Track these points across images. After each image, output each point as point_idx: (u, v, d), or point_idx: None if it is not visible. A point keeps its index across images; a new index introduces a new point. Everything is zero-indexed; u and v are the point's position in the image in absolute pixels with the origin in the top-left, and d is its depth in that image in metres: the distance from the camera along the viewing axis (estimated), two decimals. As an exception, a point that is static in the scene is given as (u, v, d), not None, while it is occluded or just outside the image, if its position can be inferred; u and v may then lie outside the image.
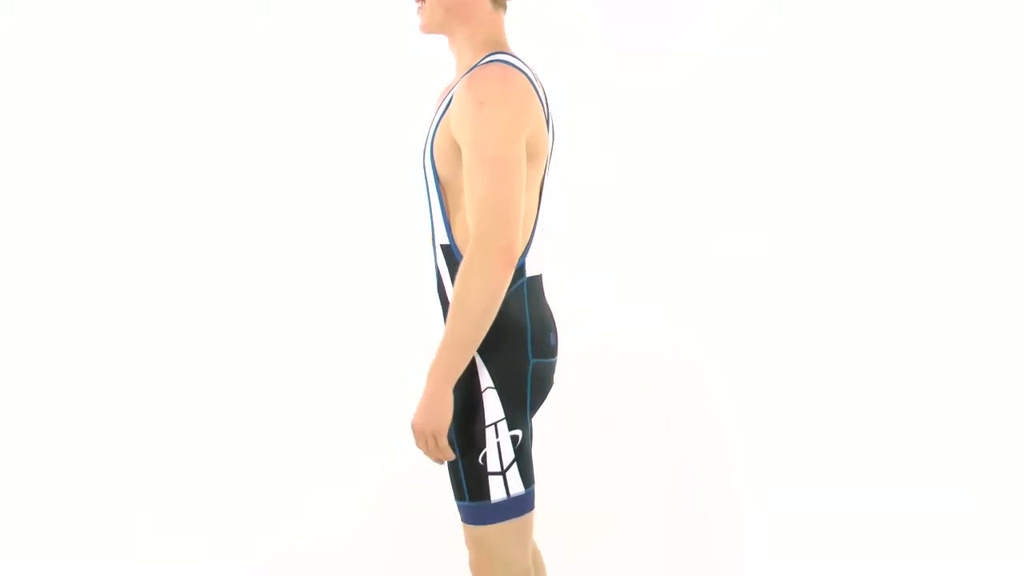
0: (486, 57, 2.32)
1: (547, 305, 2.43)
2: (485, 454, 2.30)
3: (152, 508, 3.52)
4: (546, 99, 2.39)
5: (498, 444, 2.29)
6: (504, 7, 2.39)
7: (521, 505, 2.32)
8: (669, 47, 3.41)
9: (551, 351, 2.39)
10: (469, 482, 2.31)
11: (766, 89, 3.40)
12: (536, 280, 2.39)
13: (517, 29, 2.93)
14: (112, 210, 3.51)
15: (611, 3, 3.41)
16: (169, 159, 3.50)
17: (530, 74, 2.33)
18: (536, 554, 2.61)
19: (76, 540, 3.51)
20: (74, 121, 3.49)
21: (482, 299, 2.19)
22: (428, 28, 2.39)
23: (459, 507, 2.36)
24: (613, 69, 3.39)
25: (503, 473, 2.30)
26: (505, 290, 2.21)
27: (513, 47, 2.39)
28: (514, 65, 2.29)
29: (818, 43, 3.39)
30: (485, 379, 2.30)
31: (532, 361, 2.33)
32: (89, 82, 3.48)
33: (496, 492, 2.30)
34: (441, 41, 2.43)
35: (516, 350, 2.32)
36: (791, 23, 3.39)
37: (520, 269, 2.33)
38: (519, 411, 2.32)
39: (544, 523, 2.63)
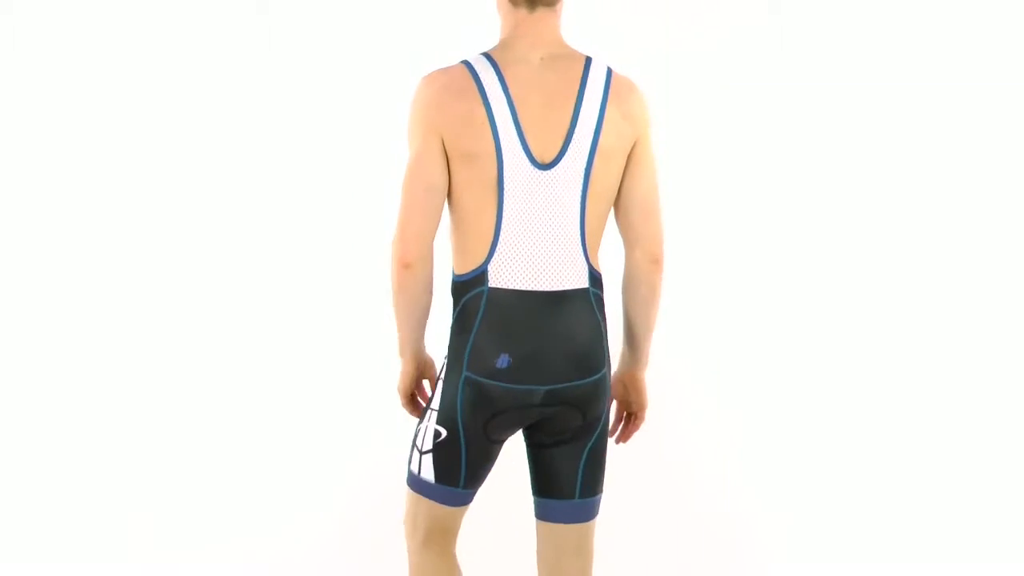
0: None
1: (534, 327, 2.28)
2: (419, 428, 2.39)
3: (144, 509, 3.53)
4: (517, 97, 2.26)
5: (425, 427, 2.36)
6: (525, 5, 2.29)
7: (425, 488, 2.37)
8: (666, 45, 3.40)
9: (497, 374, 2.27)
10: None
11: (764, 89, 3.40)
12: (506, 293, 2.27)
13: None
14: (109, 209, 3.51)
15: (608, 1, 3.40)
16: (167, 158, 3.50)
17: (483, 72, 2.26)
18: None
19: (69, 539, 3.52)
20: (73, 120, 3.49)
21: (391, 285, 2.33)
22: None
23: None
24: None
25: (422, 453, 2.36)
26: (402, 285, 2.31)
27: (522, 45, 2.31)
28: (468, 64, 2.28)
29: (816, 41, 3.39)
30: (441, 370, 2.39)
31: (464, 374, 2.29)
32: (88, 81, 3.48)
33: (413, 463, 2.40)
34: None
35: (455, 356, 2.31)
36: (790, 22, 3.39)
37: (481, 276, 2.28)
38: (449, 413, 2.31)
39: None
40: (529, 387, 2.28)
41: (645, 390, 2.50)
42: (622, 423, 2.54)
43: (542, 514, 2.41)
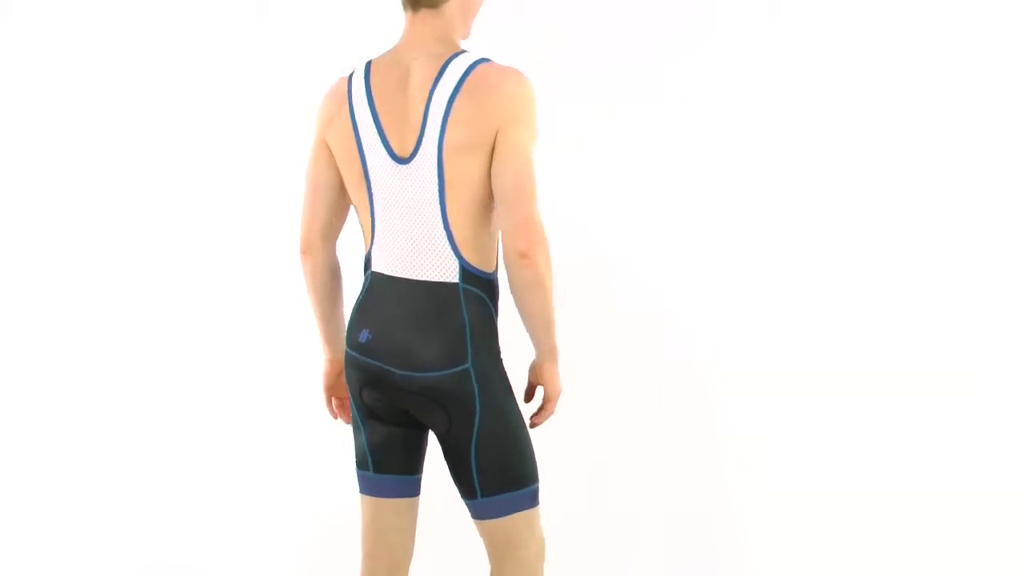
0: None
1: (393, 311, 2.40)
2: None
3: (141, 508, 3.53)
4: (380, 98, 2.39)
5: None
6: (410, 7, 2.40)
7: (359, 482, 2.55)
8: (664, 44, 3.41)
9: (359, 348, 2.44)
10: None
11: (761, 88, 3.40)
12: (380, 278, 2.44)
13: (512, 24, 2.94)
14: (109, 209, 3.53)
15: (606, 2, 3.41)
16: (167, 158, 3.52)
17: (356, 77, 2.42)
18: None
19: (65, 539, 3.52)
20: (73, 120, 3.51)
21: None
22: None
23: None
24: (606, 66, 3.39)
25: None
26: (303, 271, 2.55)
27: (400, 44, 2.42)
28: (352, 70, 2.45)
29: (815, 42, 3.39)
30: None
31: (347, 349, 2.49)
32: (87, 82, 3.50)
33: None
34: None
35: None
36: (788, 22, 3.39)
37: (368, 261, 2.47)
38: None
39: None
40: (386, 367, 2.39)
41: (553, 379, 2.51)
42: (539, 408, 2.61)
43: (470, 512, 2.49)
